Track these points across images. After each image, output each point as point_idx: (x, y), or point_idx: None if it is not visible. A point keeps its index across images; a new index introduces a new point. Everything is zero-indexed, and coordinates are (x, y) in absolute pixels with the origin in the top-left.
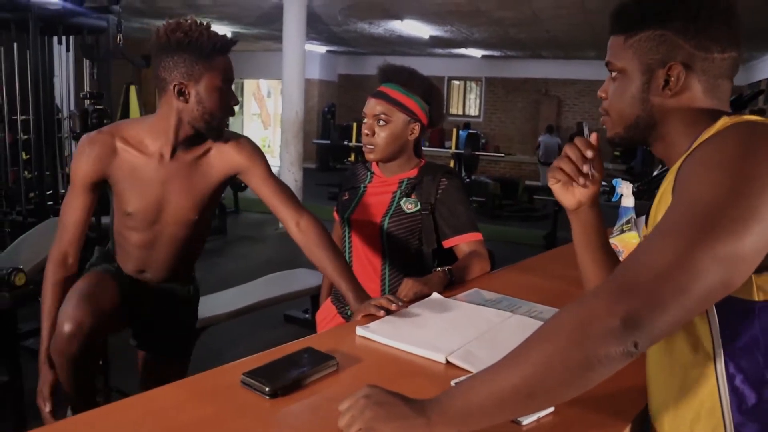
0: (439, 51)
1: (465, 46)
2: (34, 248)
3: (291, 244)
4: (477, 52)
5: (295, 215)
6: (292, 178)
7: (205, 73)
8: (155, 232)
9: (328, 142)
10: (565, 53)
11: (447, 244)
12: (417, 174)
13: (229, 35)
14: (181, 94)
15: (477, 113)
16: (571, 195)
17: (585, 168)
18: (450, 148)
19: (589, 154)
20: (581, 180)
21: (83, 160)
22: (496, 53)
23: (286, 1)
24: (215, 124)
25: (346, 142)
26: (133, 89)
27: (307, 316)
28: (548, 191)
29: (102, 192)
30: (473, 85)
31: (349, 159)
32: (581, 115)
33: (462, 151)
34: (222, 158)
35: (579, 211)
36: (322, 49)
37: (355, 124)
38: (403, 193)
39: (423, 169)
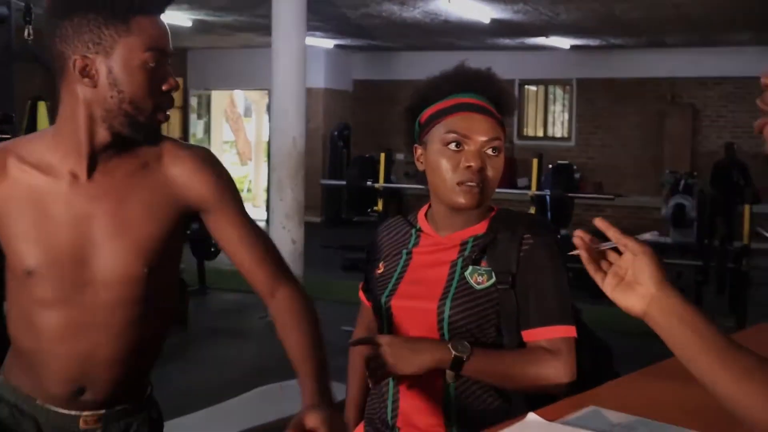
0: (506, 42)
1: (545, 34)
2: None
3: None
4: (563, 42)
5: (272, 281)
6: (288, 237)
7: (119, 42)
8: (81, 304)
9: (342, 183)
10: (703, 38)
11: (525, 335)
12: (487, 229)
13: (189, 23)
14: (85, 73)
15: (566, 133)
16: (632, 293)
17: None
18: (528, 188)
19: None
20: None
21: None
22: (592, 42)
23: None
24: (142, 118)
25: (370, 183)
26: (42, 106)
27: None
28: (684, 252)
29: None
30: (558, 91)
31: (375, 209)
32: (731, 132)
33: (547, 193)
34: (171, 176)
35: (658, 308)
36: (329, 43)
37: (383, 156)
38: (469, 260)
39: (495, 220)
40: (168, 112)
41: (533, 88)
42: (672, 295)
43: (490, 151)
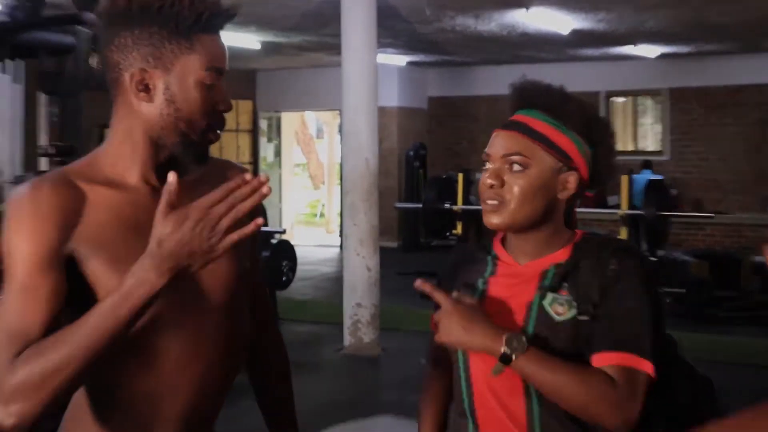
0: (588, 52)
1: (632, 42)
2: None
3: (367, 374)
4: (651, 50)
5: (264, 322)
6: (363, 264)
7: (180, 58)
8: (193, 319)
9: (419, 205)
10: None
11: (592, 360)
12: (570, 256)
13: (258, 45)
14: (143, 88)
15: (659, 147)
16: None
17: None
18: (617, 206)
19: None
20: None
21: (27, 226)
22: (683, 49)
23: None
24: (195, 137)
25: (447, 205)
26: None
27: None
28: None
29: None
30: (648, 102)
31: (454, 232)
32: None
33: (640, 212)
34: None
35: None
36: (402, 60)
37: (461, 176)
38: (548, 289)
39: (579, 246)
40: (219, 132)
41: (620, 100)
42: None
43: (513, 167)
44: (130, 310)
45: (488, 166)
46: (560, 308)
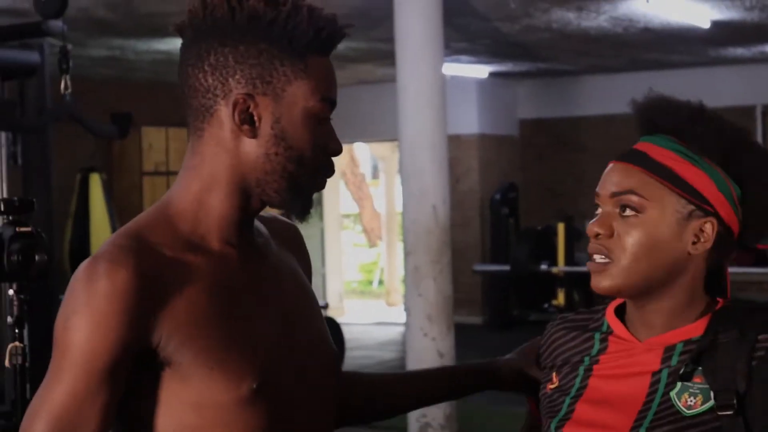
0: (737, 53)
1: None
2: None
3: None
4: None
5: None
6: (433, 349)
7: (293, 82)
8: (302, 413)
9: (506, 267)
10: None
11: None
12: (705, 330)
13: None
14: (248, 119)
15: None
16: None
17: None
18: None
19: None
20: None
21: (99, 314)
22: None
23: None
24: (305, 183)
25: (545, 267)
26: (95, 179)
27: None
28: None
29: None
30: None
31: (554, 302)
32: None
33: None
34: (294, 249)
35: None
36: (482, 70)
37: (561, 226)
38: (676, 374)
39: (717, 317)
40: (327, 179)
41: None
42: None
43: (625, 211)
44: None
45: (599, 211)
46: (692, 400)
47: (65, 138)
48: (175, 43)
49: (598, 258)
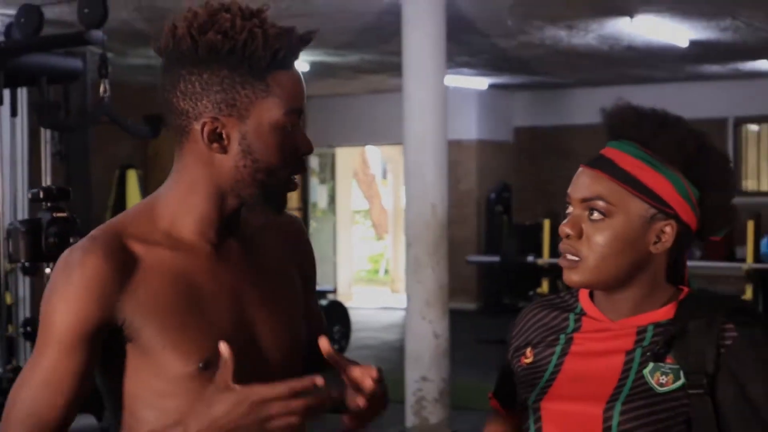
0: (714, 69)
1: (766, 56)
2: None
3: None
4: None
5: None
6: (429, 330)
7: (256, 103)
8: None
9: (496, 259)
10: None
11: None
12: (675, 315)
13: (306, 67)
14: (216, 138)
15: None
16: None
17: None
18: (743, 260)
19: None
20: None
21: (72, 293)
22: None
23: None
24: (276, 187)
25: (531, 259)
26: (132, 175)
27: None
28: None
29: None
30: None
31: (538, 290)
32: None
33: None
34: (281, 245)
35: None
36: (481, 82)
37: (547, 223)
38: (650, 354)
39: (685, 305)
40: (296, 179)
41: (755, 127)
42: None
43: (593, 215)
44: None
45: (569, 210)
46: (664, 378)
47: (107, 138)
48: None
49: (569, 256)
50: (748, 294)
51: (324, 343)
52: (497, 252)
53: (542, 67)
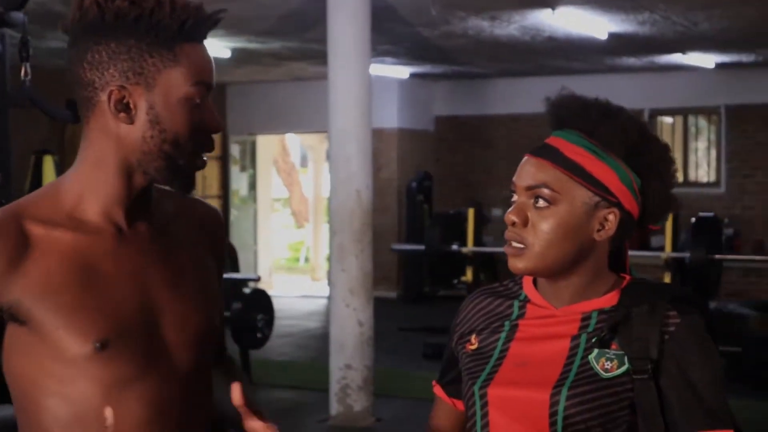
0: (629, 62)
1: (681, 50)
2: None
3: None
4: (706, 59)
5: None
6: (353, 318)
7: (163, 72)
8: (158, 377)
9: (420, 247)
10: None
11: None
12: (618, 303)
13: (227, 53)
14: (123, 108)
15: (713, 178)
16: None
17: None
18: (662, 248)
19: None
20: None
21: None
22: (745, 58)
23: None
24: (182, 161)
25: (455, 247)
26: (48, 161)
27: None
28: None
29: None
30: (702, 122)
31: (463, 279)
32: None
33: (685, 255)
34: (194, 229)
35: None
36: (403, 71)
37: (471, 212)
38: (595, 341)
39: (628, 293)
40: (206, 158)
41: (669, 119)
42: None
43: (538, 202)
44: None
45: (514, 199)
46: (608, 364)
47: (20, 123)
48: None
49: (514, 243)
50: (666, 281)
51: (236, 392)
52: (418, 240)
53: (464, 57)
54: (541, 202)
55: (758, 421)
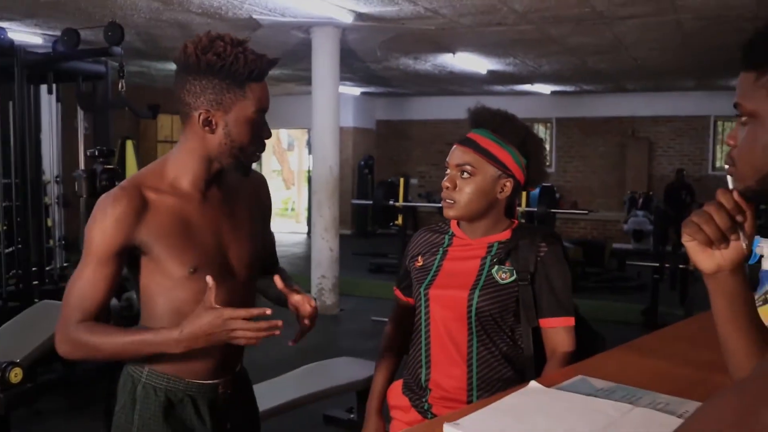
0: (499, 88)
1: (531, 82)
2: (26, 338)
3: (329, 327)
4: (545, 88)
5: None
6: (327, 246)
7: (236, 103)
8: (228, 286)
9: (369, 202)
10: (657, 85)
11: (541, 322)
12: (510, 237)
13: None
14: (207, 124)
15: (548, 162)
16: (708, 256)
17: (733, 236)
18: (519, 205)
19: (740, 218)
20: (723, 244)
21: (106, 224)
22: (569, 88)
23: (316, 36)
24: (244, 159)
25: (391, 202)
26: (130, 144)
27: (353, 416)
28: (642, 256)
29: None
30: (541, 128)
31: (396, 223)
32: (679, 160)
33: (534, 209)
34: (256, 190)
35: (718, 276)
36: (357, 90)
37: (402, 180)
38: (495, 260)
39: (516, 231)
40: (259, 155)
41: None
42: (738, 272)
43: (463, 174)
44: (148, 353)
45: (448, 172)
46: (504, 275)
47: (112, 119)
48: None
49: (447, 200)
50: None
51: (278, 280)
52: (364, 198)
53: (396, 82)
54: (465, 175)
55: (591, 312)
